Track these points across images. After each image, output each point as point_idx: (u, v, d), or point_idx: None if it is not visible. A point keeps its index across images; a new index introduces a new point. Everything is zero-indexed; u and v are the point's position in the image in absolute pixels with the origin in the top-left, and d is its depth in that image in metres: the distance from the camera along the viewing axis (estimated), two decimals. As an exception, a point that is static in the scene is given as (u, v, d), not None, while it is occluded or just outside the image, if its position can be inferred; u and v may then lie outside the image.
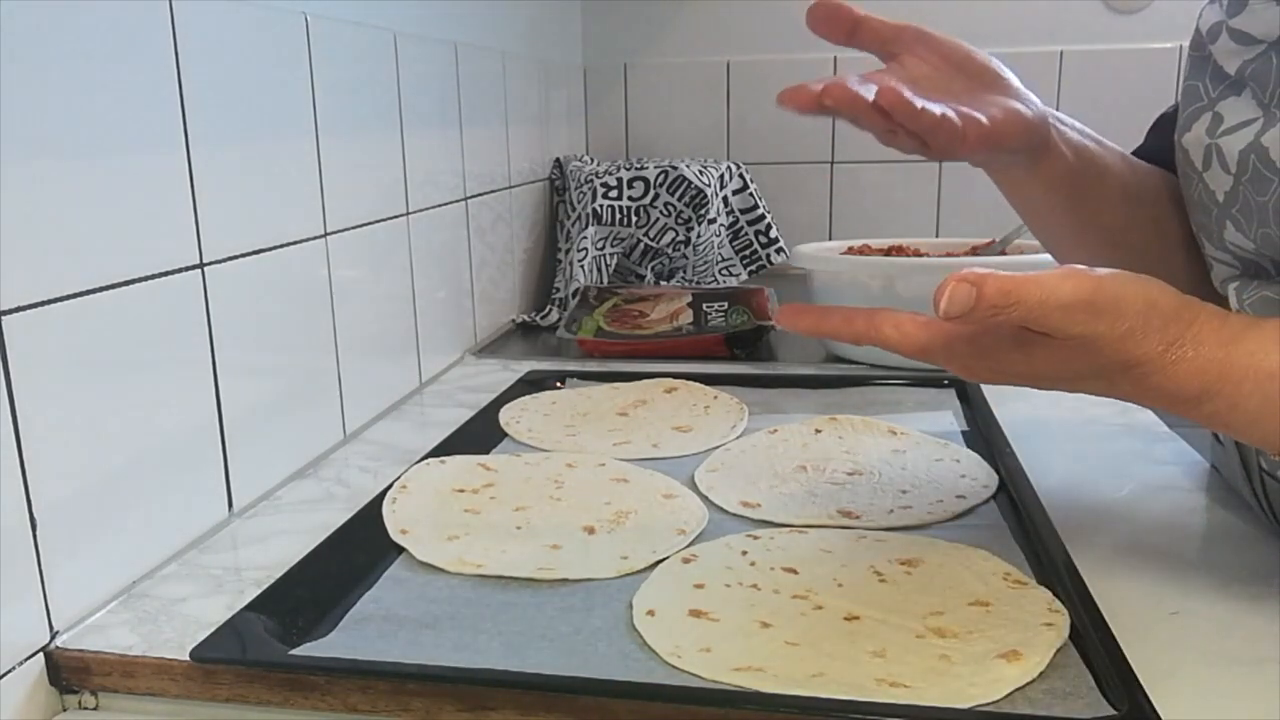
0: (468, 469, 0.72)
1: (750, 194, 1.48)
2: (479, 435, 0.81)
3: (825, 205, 1.66)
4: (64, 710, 0.51)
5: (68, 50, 0.52)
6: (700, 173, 1.36)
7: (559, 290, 1.33)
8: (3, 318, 0.48)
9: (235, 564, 0.60)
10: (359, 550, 0.60)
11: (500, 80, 1.22)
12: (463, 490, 0.68)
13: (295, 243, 0.75)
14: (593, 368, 1.02)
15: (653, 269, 1.36)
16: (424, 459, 0.74)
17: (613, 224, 1.33)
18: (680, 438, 0.80)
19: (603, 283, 1.30)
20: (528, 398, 0.91)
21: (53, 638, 0.51)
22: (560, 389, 0.95)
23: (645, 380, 0.94)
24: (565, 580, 0.55)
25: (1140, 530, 0.63)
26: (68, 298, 0.52)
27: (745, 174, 1.48)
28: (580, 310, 1.14)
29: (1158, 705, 0.42)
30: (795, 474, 0.71)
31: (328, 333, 0.80)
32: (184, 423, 0.62)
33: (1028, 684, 0.44)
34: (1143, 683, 0.44)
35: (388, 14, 0.90)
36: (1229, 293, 0.55)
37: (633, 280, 1.36)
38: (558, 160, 1.45)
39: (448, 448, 0.77)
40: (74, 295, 0.52)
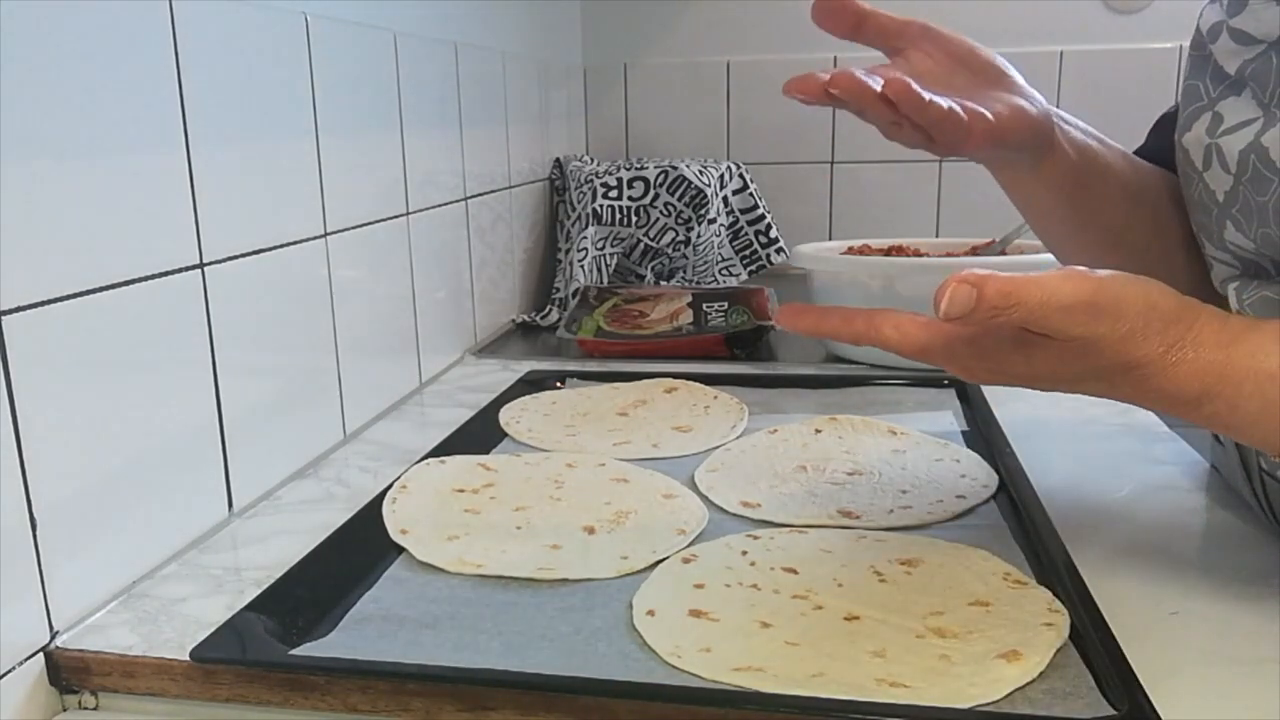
0: (468, 469, 0.72)
1: (750, 194, 1.48)
2: (479, 435, 0.81)
3: (825, 205, 1.66)
4: (64, 710, 0.51)
5: (68, 50, 0.52)
6: (700, 173, 1.36)
7: (559, 290, 1.33)
8: (3, 318, 0.48)
9: (235, 564, 0.60)
10: (359, 550, 0.60)
11: (500, 80, 1.22)
12: (463, 490, 0.68)
13: (295, 243, 0.75)
14: (593, 368, 1.02)
15: (653, 269, 1.36)
16: (424, 459, 0.74)
17: (613, 224, 1.33)
18: (680, 438, 0.80)
19: (603, 283, 1.30)
20: (528, 398, 0.91)
21: (53, 638, 0.51)
22: (560, 389, 0.95)
23: (645, 380, 0.94)
24: (565, 580, 0.55)
25: (1140, 530, 0.63)
26: (68, 298, 0.52)
27: (745, 174, 1.48)
28: (580, 310, 1.14)
29: (1158, 705, 0.42)
30: (795, 474, 0.71)
31: (328, 333, 0.80)
32: (184, 423, 0.62)
33: (1028, 684, 0.44)
34: (1143, 683, 0.44)
35: (388, 14, 0.90)
36: (1229, 293, 0.55)
37: (633, 280, 1.36)
38: (558, 160, 1.45)
39: (448, 448, 0.77)
40: (74, 295, 0.52)
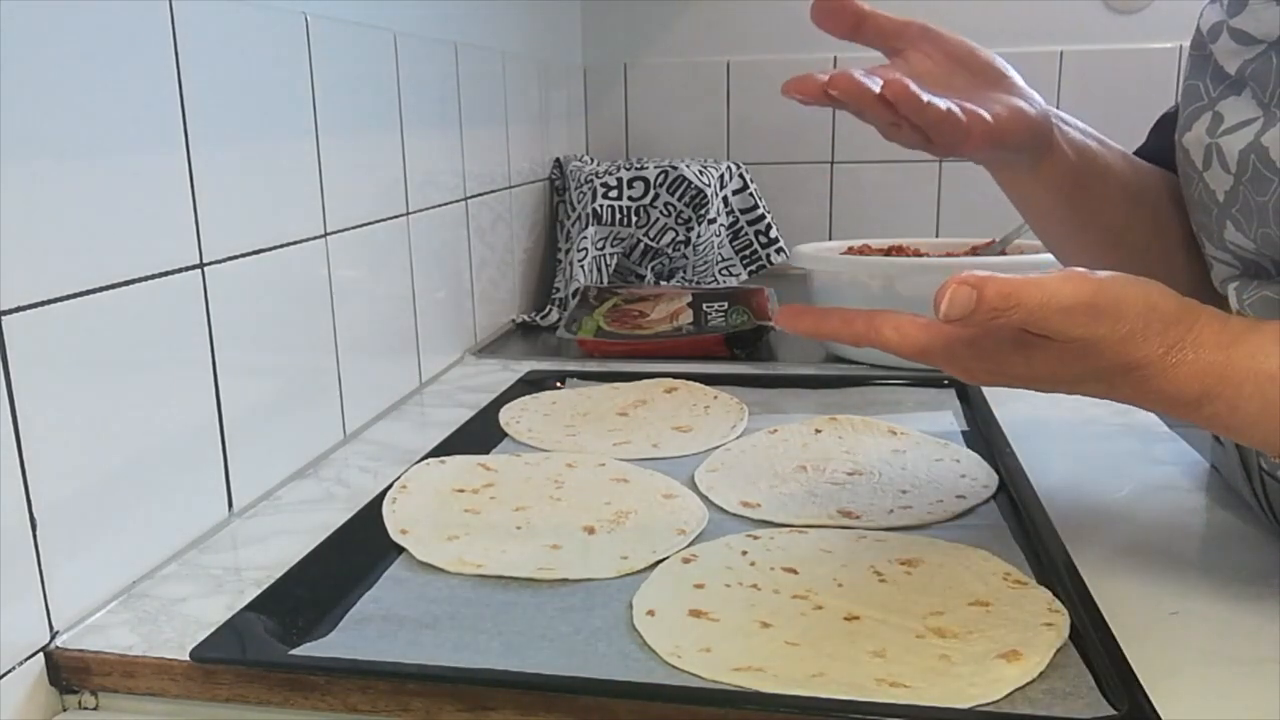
0: (468, 469, 0.72)
1: (750, 194, 1.48)
2: (479, 435, 0.81)
3: (825, 205, 1.66)
4: (64, 710, 0.51)
5: (68, 50, 0.52)
6: (700, 173, 1.36)
7: (559, 290, 1.33)
8: (3, 318, 0.48)
9: (235, 564, 0.60)
10: (359, 550, 0.60)
11: (500, 80, 1.22)
12: (463, 490, 0.68)
13: (295, 243, 0.75)
14: (593, 368, 1.02)
15: (653, 269, 1.36)
16: (424, 459, 0.74)
17: (613, 224, 1.33)
18: (680, 438, 0.80)
19: (603, 283, 1.30)
20: (528, 398, 0.91)
21: (53, 638, 0.51)
22: (560, 389, 0.95)
23: (645, 380, 0.94)
24: (565, 580, 0.55)
25: (1140, 530, 0.63)
26: (68, 298, 0.52)
27: (745, 174, 1.48)
28: (580, 310, 1.14)
29: (1158, 705, 0.42)
30: (795, 474, 0.71)
31: (328, 333, 0.80)
32: (184, 423, 0.62)
33: (1028, 684, 0.44)
34: (1143, 683, 0.44)
35: (388, 14, 0.90)
36: (1229, 293, 0.55)
37: (633, 280, 1.36)
38: (558, 160, 1.45)
39: (448, 448, 0.77)
40: (74, 295, 0.52)
